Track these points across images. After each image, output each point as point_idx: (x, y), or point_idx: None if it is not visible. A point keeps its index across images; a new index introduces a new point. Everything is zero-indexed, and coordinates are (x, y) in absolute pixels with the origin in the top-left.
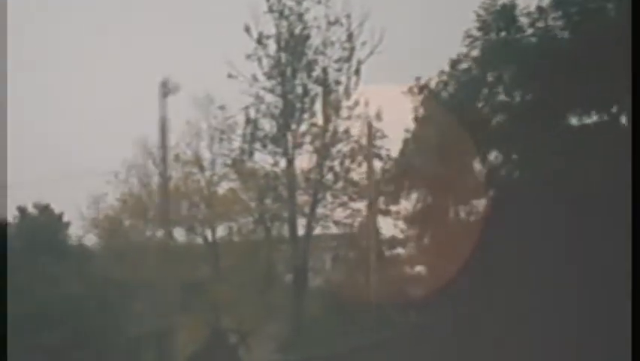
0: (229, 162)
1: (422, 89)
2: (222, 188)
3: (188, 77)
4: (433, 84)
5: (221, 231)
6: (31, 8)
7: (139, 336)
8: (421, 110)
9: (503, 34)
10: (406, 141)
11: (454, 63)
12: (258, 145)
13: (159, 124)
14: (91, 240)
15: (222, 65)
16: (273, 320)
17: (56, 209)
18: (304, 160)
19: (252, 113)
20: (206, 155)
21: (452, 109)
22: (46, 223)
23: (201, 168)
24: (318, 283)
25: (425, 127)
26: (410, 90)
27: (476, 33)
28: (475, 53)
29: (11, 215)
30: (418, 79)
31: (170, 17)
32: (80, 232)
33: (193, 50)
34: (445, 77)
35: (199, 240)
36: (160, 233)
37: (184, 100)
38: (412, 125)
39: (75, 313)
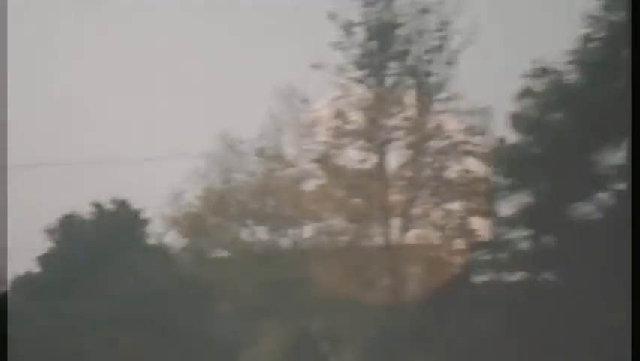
0: (315, 157)
1: (542, 72)
2: (309, 185)
3: (269, 68)
4: (555, 67)
5: (308, 230)
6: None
7: (223, 339)
8: (536, 98)
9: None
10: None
11: (584, 41)
12: (346, 140)
13: None
14: (171, 238)
15: (306, 54)
16: (367, 326)
17: (134, 205)
18: (395, 157)
19: (340, 106)
20: (290, 150)
21: (576, 94)
22: (125, 220)
23: (285, 164)
24: (416, 287)
25: (545, 114)
26: (530, 74)
27: (599, 13)
28: (600, 34)
29: (86, 211)
30: (535, 62)
31: (251, 5)
32: (159, 229)
33: (275, 38)
34: (567, 59)
35: (284, 240)
36: (244, 232)
37: (266, 92)
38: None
39: (158, 314)
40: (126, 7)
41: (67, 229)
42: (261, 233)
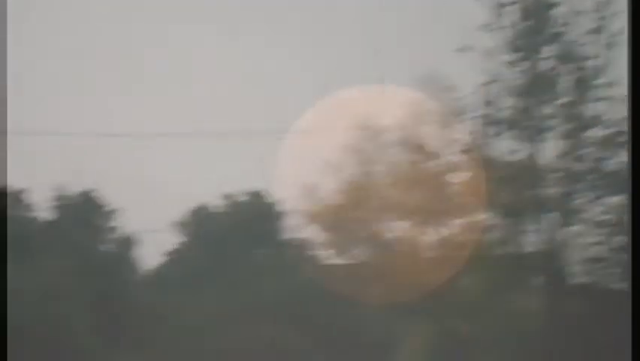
0: (462, 148)
1: None
2: (455, 178)
3: (412, 52)
4: None
5: (453, 226)
6: None
7: (362, 338)
8: None
9: None
10: None
11: None
12: (495, 129)
13: None
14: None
15: (452, 37)
16: (520, 328)
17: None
18: (549, 147)
19: (489, 92)
20: (434, 140)
21: None
22: (259, 212)
23: (430, 156)
24: (575, 288)
25: None
26: None
27: None
28: None
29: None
30: None
31: None
32: (294, 222)
33: (418, 20)
34: None
35: (428, 236)
36: (385, 227)
37: (408, 78)
38: None
39: (295, 310)
40: None
41: (199, 220)
42: (403, 228)
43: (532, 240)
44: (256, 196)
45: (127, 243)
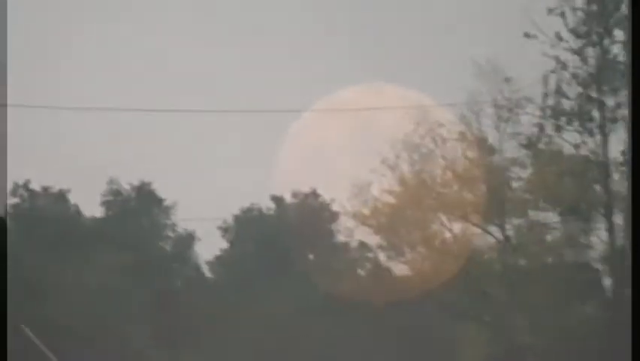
0: (523, 142)
1: None
2: (514, 174)
3: (467, 39)
4: None
5: (515, 225)
6: None
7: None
8: None
9: None
10: None
11: None
12: (560, 121)
13: None
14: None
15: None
16: (580, 335)
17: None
18: (618, 139)
19: (553, 82)
20: (494, 134)
21: None
22: (309, 214)
23: (489, 150)
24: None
25: None
26: None
27: None
28: None
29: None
30: None
31: None
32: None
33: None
34: None
35: (487, 235)
36: (442, 227)
37: (465, 67)
38: None
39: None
40: None
41: (246, 223)
42: (461, 228)
43: (598, 239)
44: (305, 198)
45: (181, 240)
